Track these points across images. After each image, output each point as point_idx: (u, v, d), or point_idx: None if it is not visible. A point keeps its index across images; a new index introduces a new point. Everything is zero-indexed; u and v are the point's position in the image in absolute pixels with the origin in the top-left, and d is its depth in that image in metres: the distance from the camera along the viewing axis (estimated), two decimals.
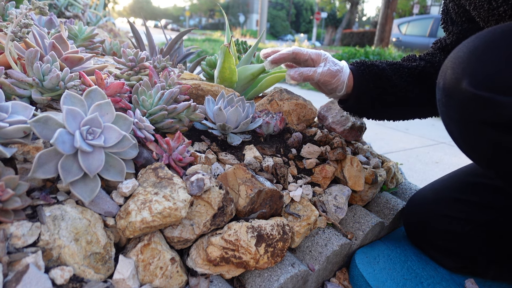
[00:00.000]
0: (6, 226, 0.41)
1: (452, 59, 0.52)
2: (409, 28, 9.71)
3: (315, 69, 0.72)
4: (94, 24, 1.76)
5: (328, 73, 0.72)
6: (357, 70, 0.76)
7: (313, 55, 0.74)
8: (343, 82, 0.73)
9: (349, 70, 0.75)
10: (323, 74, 0.72)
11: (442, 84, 0.53)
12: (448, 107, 0.52)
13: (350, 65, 0.79)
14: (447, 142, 2.60)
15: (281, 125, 0.80)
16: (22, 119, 0.46)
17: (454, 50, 0.53)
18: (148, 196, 0.50)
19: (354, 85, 0.75)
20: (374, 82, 0.75)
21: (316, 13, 20.73)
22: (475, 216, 0.73)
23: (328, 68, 0.72)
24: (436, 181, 0.86)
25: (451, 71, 0.51)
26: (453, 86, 0.50)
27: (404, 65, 0.78)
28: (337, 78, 0.73)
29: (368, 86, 0.75)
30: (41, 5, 0.60)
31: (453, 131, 0.55)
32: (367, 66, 0.76)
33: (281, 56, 0.73)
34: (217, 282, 0.54)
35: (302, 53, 0.73)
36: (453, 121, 0.52)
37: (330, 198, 0.75)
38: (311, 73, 0.72)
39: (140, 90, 0.64)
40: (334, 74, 0.72)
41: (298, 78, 0.72)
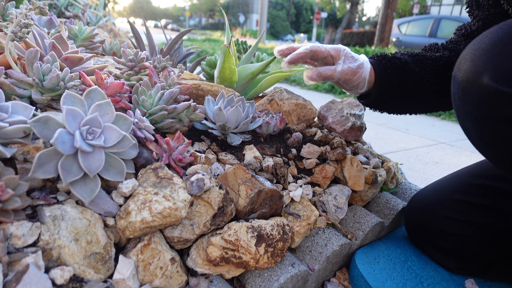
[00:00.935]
0: (6, 226, 0.41)
1: (472, 50, 0.48)
2: (409, 28, 9.70)
3: (334, 67, 0.69)
4: (94, 24, 1.76)
5: (349, 70, 0.68)
6: (378, 64, 0.72)
7: (332, 51, 0.70)
8: (364, 79, 0.70)
9: (370, 65, 0.71)
10: (343, 72, 0.68)
11: (460, 77, 0.49)
12: (465, 101, 0.49)
13: (370, 58, 0.75)
14: (447, 142, 2.60)
15: (281, 125, 0.80)
16: (22, 119, 0.46)
17: (475, 41, 0.49)
18: (148, 196, 0.50)
19: (375, 80, 0.72)
20: (397, 77, 0.71)
21: (316, 13, 20.74)
22: (477, 219, 0.72)
23: (348, 66, 0.69)
24: (437, 182, 0.85)
25: (471, 63, 0.47)
26: (472, 79, 0.46)
27: (427, 56, 0.73)
28: (358, 75, 0.69)
29: (391, 81, 0.71)
30: (41, 5, 0.60)
31: (469, 127, 0.52)
32: (389, 60, 0.72)
33: (299, 55, 0.68)
34: (217, 282, 0.54)
35: (320, 50, 0.69)
36: (470, 117, 0.49)
37: (330, 198, 0.75)
38: (331, 72, 0.68)
39: (140, 90, 0.64)
40: (355, 71, 0.69)
41: (317, 79, 0.69)
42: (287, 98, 0.93)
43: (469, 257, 0.72)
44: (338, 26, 25.28)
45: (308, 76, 0.70)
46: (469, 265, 0.73)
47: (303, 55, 0.69)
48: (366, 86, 0.71)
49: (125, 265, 0.47)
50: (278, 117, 0.80)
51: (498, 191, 0.72)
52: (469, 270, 0.73)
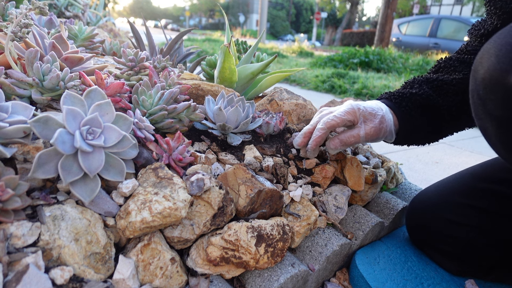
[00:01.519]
0: (6, 226, 0.41)
1: (498, 45, 0.43)
2: (409, 28, 9.72)
3: (356, 132, 0.66)
4: (94, 24, 1.76)
5: (373, 131, 0.65)
6: (399, 107, 0.68)
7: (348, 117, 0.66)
8: (390, 132, 0.67)
9: (391, 114, 0.67)
10: (368, 135, 0.65)
11: (482, 73, 0.45)
12: (487, 100, 0.45)
13: (386, 99, 0.70)
14: (447, 142, 2.60)
15: (281, 125, 0.80)
16: (22, 119, 0.46)
17: (500, 34, 0.45)
18: (148, 196, 0.50)
19: (400, 125, 0.68)
20: (421, 115, 0.67)
21: (316, 13, 20.74)
22: (480, 223, 0.71)
23: (370, 127, 0.65)
24: (440, 183, 0.84)
25: (496, 59, 0.43)
26: (496, 78, 0.42)
27: (447, 81, 0.68)
28: (384, 131, 0.66)
29: (416, 121, 0.67)
30: (41, 5, 0.60)
31: (487, 128, 0.48)
32: (409, 99, 0.67)
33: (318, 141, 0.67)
34: (217, 282, 0.54)
35: (336, 123, 0.66)
36: (491, 117, 0.46)
37: (330, 198, 0.75)
38: (354, 139, 0.66)
39: (140, 90, 0.64)
40: (378, 128, 0.65)
41: (343, 148, 0.68)
42: (287, 98, 0.93)
43: (471, 261, 0.71)
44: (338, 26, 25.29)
45: (333, 146, 0.68)
46: (470, 268, 0.72)
47: (322, 138, 0.67)
48: (394, 134, 0.68)
49: (125, 265, 0.47)
50: (278, 117, 0.80)
51: (502, 195, 0.70)
52: (470, 273, 0.73)
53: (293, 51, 10.00)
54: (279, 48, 10.43)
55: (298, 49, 10.10)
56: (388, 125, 0.67)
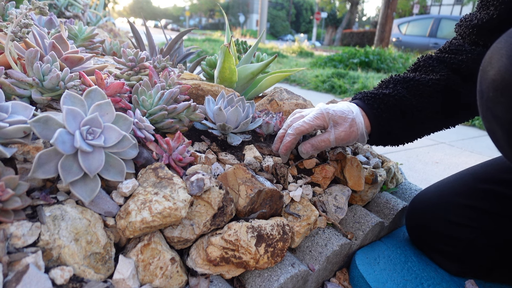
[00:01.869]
0: (6, 226, 0.41)
1: (510, 45, 0.41)
2: (409, 28, 9.72)
3: (326, 137, 0.65)
4: (94, 24, 1.76)
5: (343, 135, 0.64)
6: (371, 108, 0.66)
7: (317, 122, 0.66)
8: (362, 135, 0.66)
9: (361, 115, 0.66)
10: (338, 139, 0.65)
11: (492, 74, 0.42)
12: (497, 104, 0.42)
13: (359, 99, 0.69)
14: (447, 142, 2.60)
15: (281, 125, 0.80)
16: (22, 119, 0.46)
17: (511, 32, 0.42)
18: (148, 196, 0.50)
19: (372, 126, 0.67)
20: (393, 116, 0.66)
21: (316, 13, 20.75)
22: (481, 224, 0.71)
23: (340, 130, 0.64)
24: (440, 183, 0.83)
25: (508, 60, 0.40)
26: (508, 80, 0.40)
27: (423, 81, 0.66)
28: (354, 135, 0.65)
29: (388, 123, 0.66)
30: (41, 5, 0.60)
31: (496, 131, 0.46)
32: (381, 100, 0.66)
33: (288, 146, 0.68)
34: (217, 282, 0.54)
35: (306, 130, 0.66)
36: (501, 121, 0.44)
37: (330, 198, 0.75)
38: (324, 143, 0.66)
39: (140, 90, 0.64)
40: (349, 132, 0.64)
41: (315, 152, 0.67)
42: (287, 98, 0.93)
43: (471, 261, 0.71)
44: (338, 26, 25.30)
45: (304, 151, 0.68)
46: (470, 268, 0.72)
47: (292, 142, 0.67)
48: (366, 136, 0.67)
49: (125, 265, 0.47)
50: (278, 117, 0.80)
51: (502, 196, 0.70)
52: (470, 273, 0.72)
53: (293, 51, 10.00)
54: (279, 48, 10.43)
55: (298, 49, 10.11)
56: (359, 128, 0.65)
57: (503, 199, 0.70)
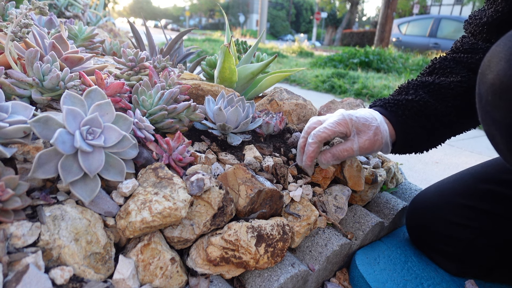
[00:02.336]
0: (6, 226, 0.41)
1: (509, 48, 0.41)
2: (409, 28, 9.72)
3: (350, 146, 0.62)
4: (94, 24, 1.76)
5: (367, 144, 0.61)
6: (395, 116, 0.64)
7: (340, 129, 0.62)
8: (386, 143, 0.63)
9: (385, 123, 0.63)
10: (362, 148, 0.62)
11: (490, 78, 0.42)
12: (496, 107, 0.42)
13: (381, 107, 0.66)
14: (447, 142, 2.60)
15: (281, 125, 0.80)
16: (22, 119, 0.46)
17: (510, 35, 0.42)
18: (148, 196, 0.50)
19: (396, 134, 0.64)
20: (419, 123, 0.63)
21: (316, 13, 20.74)
22: (482, 224, 0.70)
23: (363, 139, 0.61)
24: (440, 183, 0.83)
25: (506, 64, 0.40)
26: (506, 84, 0.40)
27: (445, 85, 0.64)
28: (378, 144, 0.62)
29: (414, 130, 0.64)
30: (41, 5, 0.60)
31: (495, 135, 0.46)
32: (405, 107, 0.63)
33: (312, 156, 0.64)
34: (217, 282, 0.54)
35: (328, 136, 0.63)
36: (499, 125, 0.43)
37: (330, 198, 0.75)
38: (347, 153, 0.62)
39: (140, 90, 0.64)
40: (373, 141, 0.61)
41: (335, 162, 0.64)
42: (287, 98, 0.93)
43: (471, 261, 0.71)
44: (338, 26, 25.30)
45: (324, 161, 0.64)
46: (470, 268, 0.72)
47: (316, 152, 0.64)
48: (390, 146, 0.64)
49: (125, 265, 0.47)
50: (278, 117, 0.80)
51: (502, 196, 0.70)
52: (470, 273, 0.72)
53: (293, 51, 10.00)
54: (279, 48, 10.43)
55: (298, 49, 10.11)
56: (384, 136, 0.63)
57: (503, 199, 0.70)
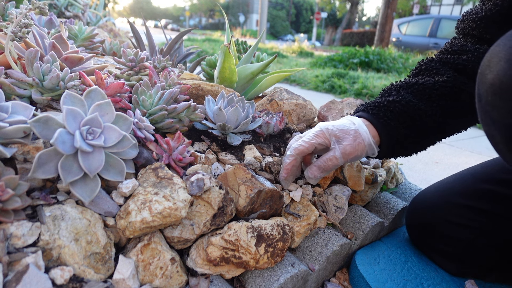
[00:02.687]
0: (6, 226, 0.41)
1: (508, 48, 0.41)
2: (409, 28, 9.72)
3: (332, 155, 0.62)
4: (94, 24, 1.76)
5: (349, 149, 0.61)
6: (376, 118, 0.63)
7: (317, 140, 0.62)
8: (370, 145, 0.62)
9: (365, 125, 0.63)
10: (345, 154, 0.61)
11: (490, 78, 0.42)
12: (495, 107, 0.42)
13: (363, 111, 0.66)
14: (447, 142, 2.60)
15: (281, 125, 0.80)
16: (22, 119, 0.46)
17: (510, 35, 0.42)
18: (148, 196, 0.50)
19: (380, 137, 0.63)
20: (402, 124, 0.62)
21: (316, 13, 20.74)
22: (481, 224, 0.70)
23: (344, 145, 0.61)
24: (440, 183, 0.83)
25: (506, 64, 0.40)
26: (506, 84, 0.40)
27: (429, 84, 0.63)
28: (361, 148, 0.61)
29: (397, 131, 0.63)
30: (41, 5, 0.60)
31: (495, 135, 0.46)
32: (387, 108, 0.63)
33: (288, 168, 0.64)
34: (217, 282, 0.54)
35: (307, 150, 0.63)
36: (499, 125, 0.43)
37: (330, 198, 0.75)
38: (331, 162, 0.62)
39: (140, 90, 0.64)
40: (355, 145, 0.61)
41: (320, 175, 0.64)
42: (287, 98, 0.93)
43: (471, 261, 0.71)
44: (338, 26, 25.31)
45: (311, 175, 0.64)
46: (470, 268, 0.72)
47: (294, 163, 0.64)
48: (376, 148, 0.63)
49: (125, 265, 0.47)
50: (278, 117, 0.80)
51: (502, 196, 0.70)
52: (470, 273, 0.72)
53: (293, 51, 10.00)
54: (279, 48, 10.43)
55: (298, 49, 10.11)
56: (365, 138, 0.62)
57: (503, 199, 0.70)
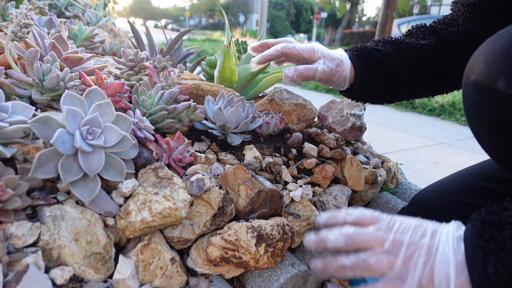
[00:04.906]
0: (6, 226, 0.41)
1: (487, 51, 0.44)
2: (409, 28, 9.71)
3: (315, 67, 0.65)
4: (94, 24, 1.76)
5: (329, 70, 0.66)
6: (357, 59, 0.68)
7: (304, 53, 0.67)
8: (345, 78, 0.68)
9: (349, 62, 0.68)
10: (324, 73, 0.66)
11: (472, 79, 0.46)
12: (478, 106, 0.45)
13: (349, 51, 0.71)
14: (447, 142, 2.60)
15: (281, 125, 0.80)
16: (22, 119, 0.46)
17: (490, 40, 0.46)
18: (148, 196, 0.50)
19: (355, 76, 0.69)
20: (378, 71, 0.68)
21: (316, 13, 20.73)
22: None
23: (327, 66, 0.66)
24: (439, 182, 0.83)
25: (485, 65, 0.44)
26: (486, 83, 0.43)
27: (411, 45, 0.69)
28: (339, 75, 0.67)
29: (372, 76, 0.68)
30: (41, 5, 0.60)
31: (480, 133, 0.48)
32: (369, 54, 0.68)
33: (267, 56, 0.66)
34: (217, 282, 0.54)
35: (291, 51, 0.66)
36: (482, 122, 0.46)
37: (330, 198, 0.75)
38: (312, 73, 0.65)
39: (140, 90, 0.64)
40: (334, 70, 0.66)
41: (297, 79, 0.66)
42: (287, 98, 0.93)
43: None
44: (338, 26, 25.29)
45: (288, 76, 0.66)
46: None
47: (272, 56, 0.67)
48: (348, 83, 0.69)
49: (125, 265, 0.47)
50: (278, 117, 0.80)
51: (501, 194, 0.70)
52: None
53: None
54: None
55: None
56: (345, 70, 0.67)
57: (501, 197, 0.70)
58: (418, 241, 0.41)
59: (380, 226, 0.44)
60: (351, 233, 0.44)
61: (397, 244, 0.41)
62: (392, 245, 0.42)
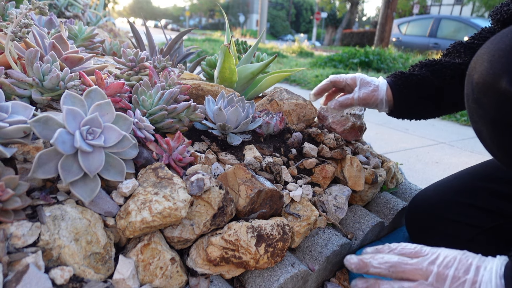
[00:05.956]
0: (6, 226, 0.41)
1: (490, 50, 0.45)
2: (409, 28, 9.71)
3: (352, 96, 0.77)
4: (94, 24, 1.76)
5: (364, 96, 0.76)
6: (395, 84, 0.76)
7: (348, 80, 0.79)
8: (381, 100, 0.76)
9: (386, 86, 0.76)
10: (360, 98, 0.76)
11: (475, 78, 0.46)
12: (481, 105, 0.46)
13: (389, 77, 0.79)
14: (447, 142, 2.60)
15: (281, 125, 0.80)
16: (22, 119, 0.46)
17: (493, 39, 0.46)
18: (148, 196, 0.50)
19: (394, 99, 0.76)
20: (415, 94, 0.74)
21: (316, 13, 20.71)
22: (480, 222, 0.71)
23: (363, 92, 0.76)
24: (439, 182, 0.84)
25: (488, 64, 0.44)
26: (489, 82, 0.43)
27: (447, 65, 0.73)
28: (374, 98, 0.76)
29: (409, 98, 0.75)
30: (41, 5, 0.59)
31: (482, 131, 0.49)
32: (406, 78, 0.75)
33: (321, 87, 0.83)
34: (217, 282, 0.54)
35: (339, 80, 0.80)
36: (484, 120, 0.47)
37: (330, 198, 0.75)
38: (349, 101, 0.77)
39: (140, 90, 0.64)
40: (370, 95, 0.76)
41: (339, 108, 0.79)
42: (287, 98, 0.93)
43: None
44: (338, 26, 25.29)
45: (331, 107, 0.81)
46: None
47: (325, 86, 0.82)
48: (386, 105, 0.77)
49: (125, 265, 0.47)
50: (278, 117, 0.80)
51: (502, 194, 0.70)
52: None
53: (293, 51, 10.00)
54: (279, 48, 10.42)
55: (298, 49, 10.10)
56: (380, 94, 0.76)
57: (501, 197, 0.70)
58: (462, 276, 0.43)
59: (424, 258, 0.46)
60: (395, 262, 0.47)
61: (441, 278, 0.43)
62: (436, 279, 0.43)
